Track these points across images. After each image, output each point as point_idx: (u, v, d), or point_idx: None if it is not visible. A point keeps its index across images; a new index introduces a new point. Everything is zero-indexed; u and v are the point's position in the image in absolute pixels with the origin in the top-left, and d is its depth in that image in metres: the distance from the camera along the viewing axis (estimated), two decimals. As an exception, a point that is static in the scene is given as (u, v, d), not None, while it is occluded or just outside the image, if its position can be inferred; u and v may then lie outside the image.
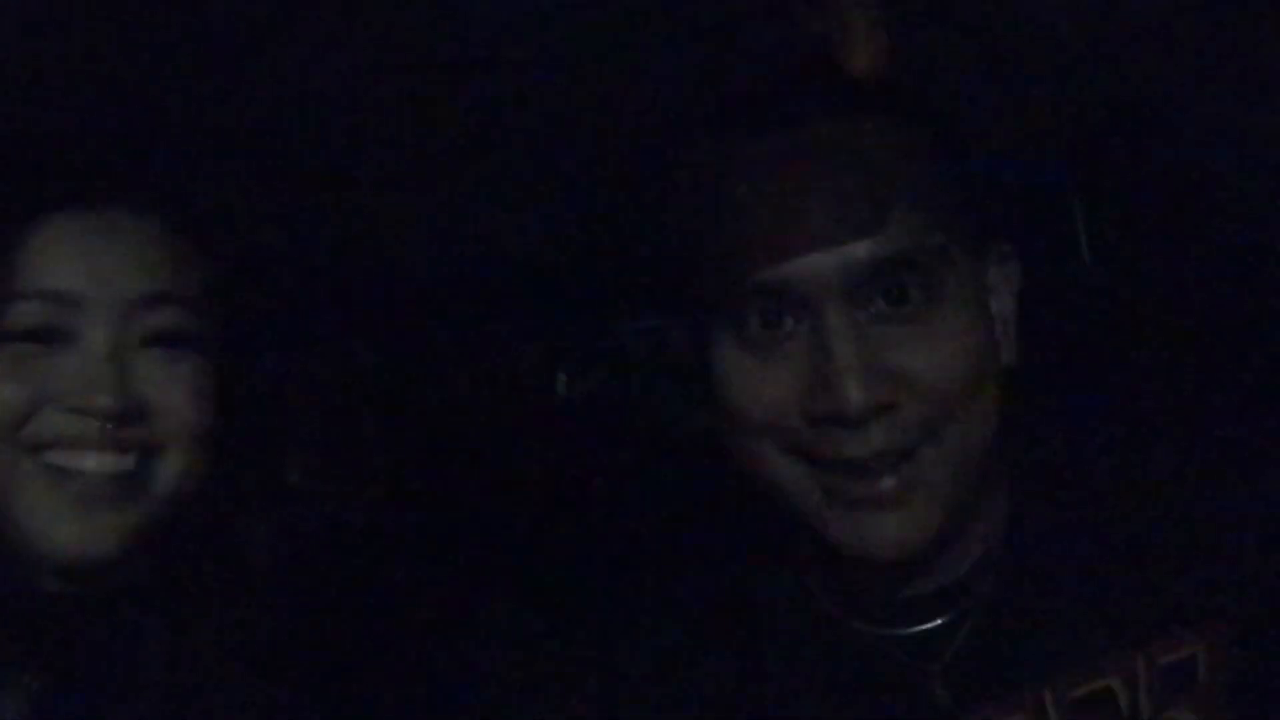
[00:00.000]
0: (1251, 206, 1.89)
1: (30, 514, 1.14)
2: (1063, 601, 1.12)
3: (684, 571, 1.28)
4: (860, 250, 1.02)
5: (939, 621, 1.12)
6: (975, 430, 1.06)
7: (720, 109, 1.14)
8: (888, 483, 1.04)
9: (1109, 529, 1.14)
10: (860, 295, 1.02)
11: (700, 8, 1.52)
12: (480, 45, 1.64)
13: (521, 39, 1.63)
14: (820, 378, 1.02)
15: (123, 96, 1.64)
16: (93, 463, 1.14)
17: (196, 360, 1.19)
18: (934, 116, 1.15)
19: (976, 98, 1.79)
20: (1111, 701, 1.09)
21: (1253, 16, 1.72)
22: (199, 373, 1.19)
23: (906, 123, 1.09)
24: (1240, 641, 1.10)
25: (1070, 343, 1.90)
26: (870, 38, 1.38)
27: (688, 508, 1.85)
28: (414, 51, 1.65)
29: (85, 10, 1.51)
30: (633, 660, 1.21)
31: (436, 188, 1.99)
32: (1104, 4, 1.71)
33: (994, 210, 1.21)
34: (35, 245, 1.15)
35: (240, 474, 1.25)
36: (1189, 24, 1.77)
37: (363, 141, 1.85)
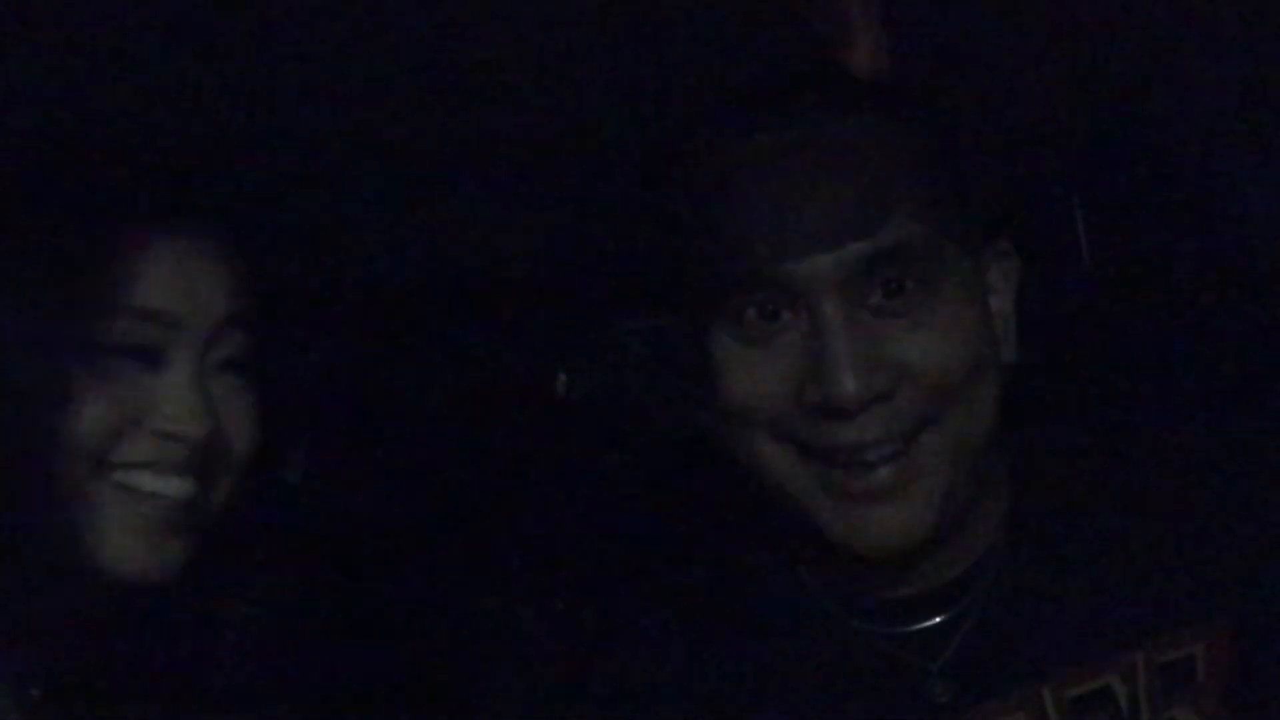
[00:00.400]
0: (1249, 207, 1.90)
1: (103, 534, 1.14)
2: (1063, 600, 1.13)
3: (681, 569, 1.28)
4: (857, 246, 1.03)
5: (938, 620, 1.13)
6: (973, 424, 1.07)
7: (721, 107, 1.15)
8: (884, 474, 1.05)
9: (1109, 528, 1.15)
10: (857, 289, 1.03)
11: (700, 7, 1.54)
12: (480, 46, 1.65)
13: (521, 39, 1.64)
14: (815, 368, 1.03)
15: (208, 124, 1.67)
16: (174, 487, 1.15)
17: (253, 388, 1.21)
18: (933, 114, 1.16)
19: (977, 96, 1.81)
20: (1111, 700, 1.10)
21: (1251, 17, 1.73)
22: (254, 401, 1.21)
23: (905, 121, 1.11)
24: (1240, 641, 1.10)
25: (1070, 342, 1.91)
26: (870, 37, 1.39)
27: (685, 506, 1.87)
28: (414, 55, 1.67)
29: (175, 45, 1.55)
30: (629, 658, 1.22)
31: (434, 187, 2.01)
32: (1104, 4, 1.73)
33: (993, 209, 1.22)
34: (132, 263, 1.16)
35: (253, 484, 1.24)
36: (1188, 23, 1.78)
37: (362, 145, 1.87)
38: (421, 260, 2.15)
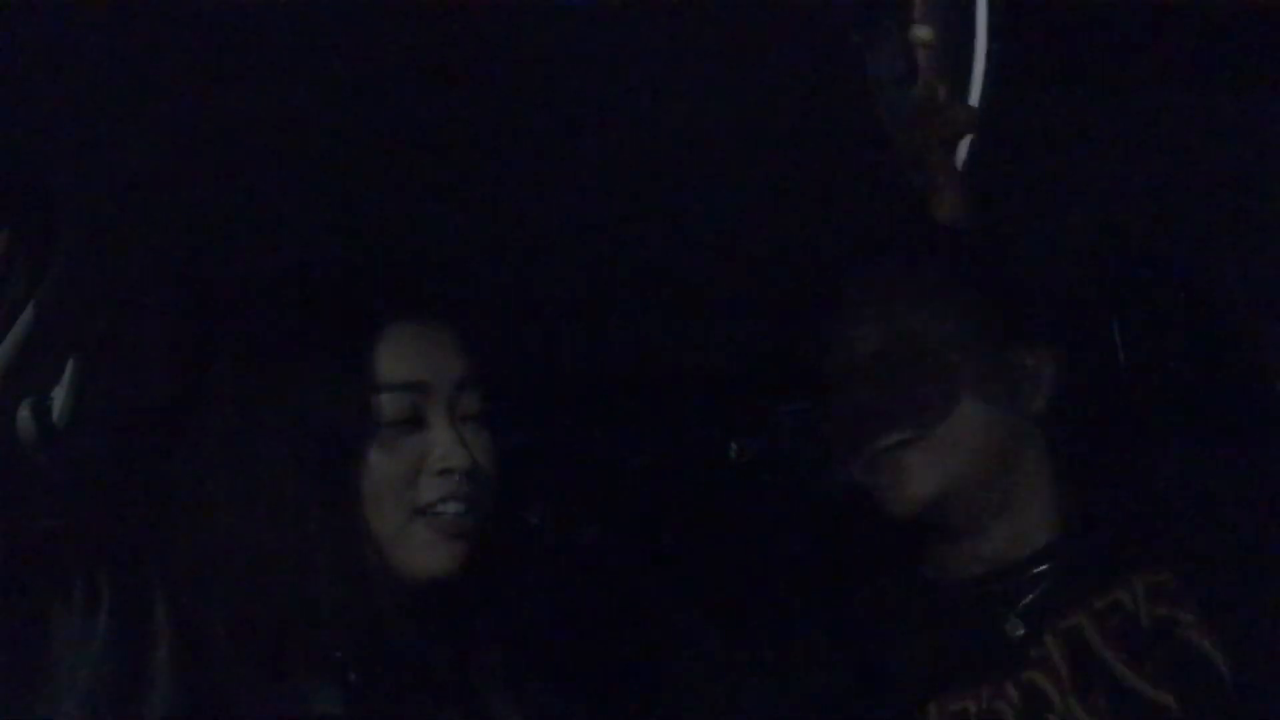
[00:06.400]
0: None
1: (409, 548, 1.27)
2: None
3: (833, 584, 1.66)
4: None
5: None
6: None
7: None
8: None
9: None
10: None
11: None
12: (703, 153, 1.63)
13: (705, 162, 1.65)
14: None
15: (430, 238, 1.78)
16: (454, 507, 1.29)
17: (491, 434, 1.33)
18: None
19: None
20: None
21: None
22: (492, 441, 1.33)
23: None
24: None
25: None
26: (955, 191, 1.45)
27: (826, 542, 2.19)
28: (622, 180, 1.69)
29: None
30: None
31: (640, 298, 2.14)
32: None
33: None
34: (387, 348, 1.29)
35: (501, 517, 1.35)
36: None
37: (566, 255, 1.91)
38: (631, 361, 2.35)
